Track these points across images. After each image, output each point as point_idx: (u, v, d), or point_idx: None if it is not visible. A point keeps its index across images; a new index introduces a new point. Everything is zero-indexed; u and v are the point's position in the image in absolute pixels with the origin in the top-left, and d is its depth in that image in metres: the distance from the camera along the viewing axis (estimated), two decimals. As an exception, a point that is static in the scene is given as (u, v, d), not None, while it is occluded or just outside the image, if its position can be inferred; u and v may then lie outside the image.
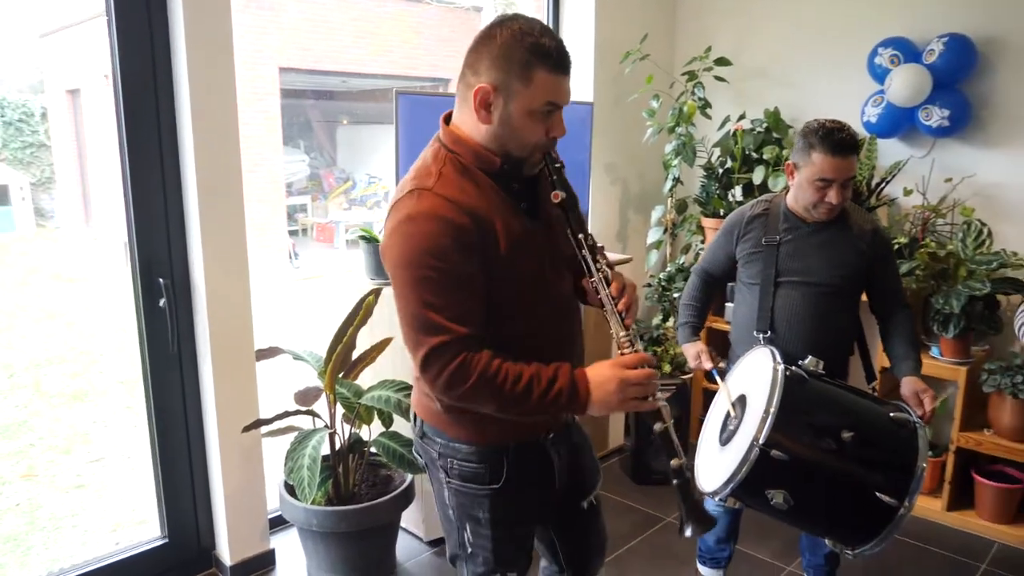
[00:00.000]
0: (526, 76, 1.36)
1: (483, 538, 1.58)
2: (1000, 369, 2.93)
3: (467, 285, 1.38)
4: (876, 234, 2.19)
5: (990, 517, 3.03)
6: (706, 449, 2.08)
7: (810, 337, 2.15)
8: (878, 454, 1.85)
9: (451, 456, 1.55)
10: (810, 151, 2.07)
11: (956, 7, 3.15)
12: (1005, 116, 3.12)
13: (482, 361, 1.37)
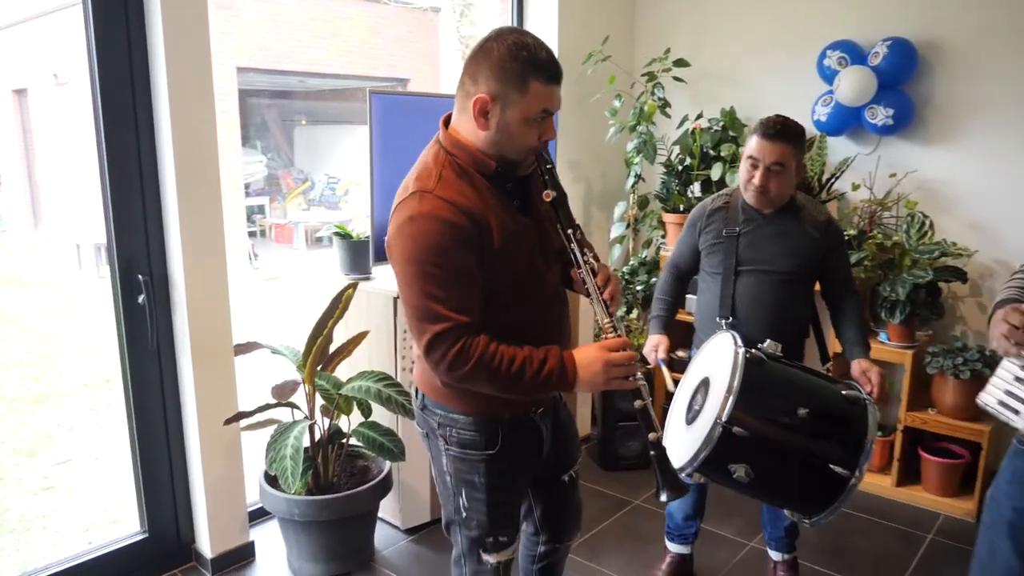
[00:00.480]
0: (522, 87, 1.48)
1: (478, 502, 1.71)
2: (942, 352, 3.13)
3: (465, 278, 1.50)
4: (829, 225, 2.35)
5: (936, 491, 3.23)
6: (673, 429, 2.20)
7: (769, 322, 2.29)
8: (831, 429, 1.99)
9: (450, 426, 1.68)
10: (750, 136, 2.27)
11: (898, 12, 3.34)
12: (944, 115, 3.32)
13: (480, 345, 1.50)
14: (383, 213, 2.87)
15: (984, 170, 3.25)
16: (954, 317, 3.36)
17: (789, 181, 2.25)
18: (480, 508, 1.71)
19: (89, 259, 9.10)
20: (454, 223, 1.48)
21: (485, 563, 1.76)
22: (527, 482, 1.83)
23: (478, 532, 1.73)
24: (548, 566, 2.06)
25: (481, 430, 1.66)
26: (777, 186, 2.23)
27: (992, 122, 3.21)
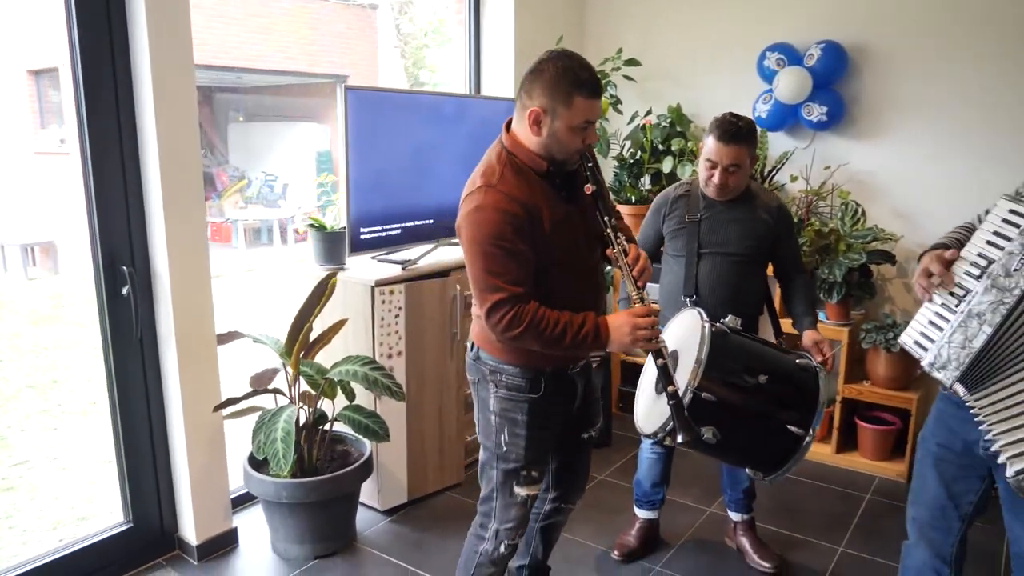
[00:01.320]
0: (568, 102, 1.77)
1: (518, 437, 1.98)
2: (875, 328, 3.43)
3: (519, 257, 1.79)
4: (780, 210, 2.58)
5: (871, 456, 3.53)
6: (643, 399, 2.38)
7: (728, 299, 2.50)
8: (788, 393, 2.19)
9: (501, 372, 1.97)
10: (707, 135, 2.47)
11: (829, 17, 3.63)
12: (871, 112, 3.63)
13: (530, 311, 1.79)
14: (359, 205, 2.98)
15: (906, 162, 3.57)
16: (884, 296, 3.68)
17: (745, 175, 2.47)
18: (519, 443, 1.98)
19: (15, 261, 8.78)
20: (512, 213, 1.77)
21: (516, 495, 2.02)
22: (558, 428, 2.06)
23: (515, 464, 2.00)
24: (550, 526, 2.29)
25: (527, 377, 1.95)
26: (735, 181, 2.45)
27: (912, 119, 3.53)
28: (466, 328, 3.29)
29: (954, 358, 1.72)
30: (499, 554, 2.07)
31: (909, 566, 2.08)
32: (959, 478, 1.93)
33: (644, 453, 2.82)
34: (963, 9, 3.34)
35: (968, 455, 1.88)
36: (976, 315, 1.70)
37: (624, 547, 2.81)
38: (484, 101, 3.75)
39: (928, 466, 1.98)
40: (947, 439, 1.92)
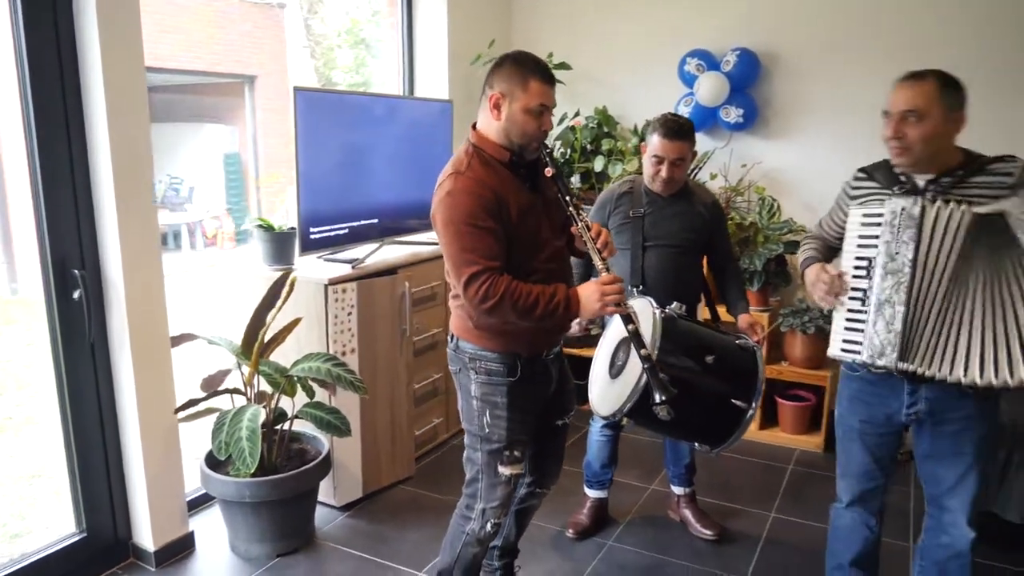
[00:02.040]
0: (524, 85, 1.94)
1: (499, 419, 2.10)
2: (792, 313, 3.73)
3: (492, 234, 1.92)
4: (714, 205, 2.80)
5: (791, 430, 3.84)
6: (597, 385, 2.53)
7: (672, 288, 2.69)
8: (731, 371, 2.39)
9: (480, 359, 2.08)
10: (652, 134, 2.66)
11: (743, 26, 3.91)
12: (782, 114, 3.94)
13: (504, 282, 1.91)
14: (309, 205, 3.02)
15: (813, 159, 3.89)
16: (797, 284, 4.00)
17: (687, 169, 2.68)
18: (501, 424, 2.10)
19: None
20: (481, 195, 1.91)
21: (500, 475, 2.12)
22: (537, 411, 2.18)
23: (498, 445, 2.11)
24: (524, 510, 2.41)
25: (504, 363, 2.07)
26: (679, 175, 2.65)
27: (816, 120, 3.86)
28: (415, 324, 3.37)
29: (887, 343, 1.97)
30: (485, 532, 2.17)
31: (840, 526, 2.32)
32: (881, 444, 2.19)
33: (593, 436, 2.98)
34: (856, 24, 3.70)
35: (888, 424, 2.14)
36: (885, 301, 1.97)
37: (578, 525, 2.97)
38: (424, 103, 3.83)
39: (852, 440, 2.23)
40: (868, 415, 2.17)
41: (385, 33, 4.79)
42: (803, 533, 3.01)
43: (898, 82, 2.04)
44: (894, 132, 1.98)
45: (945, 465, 2.09)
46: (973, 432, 2.03)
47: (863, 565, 2.32)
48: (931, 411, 2.03)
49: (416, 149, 3.59)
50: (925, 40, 3.57)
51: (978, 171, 1.96)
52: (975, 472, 2.06)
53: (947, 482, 2.10)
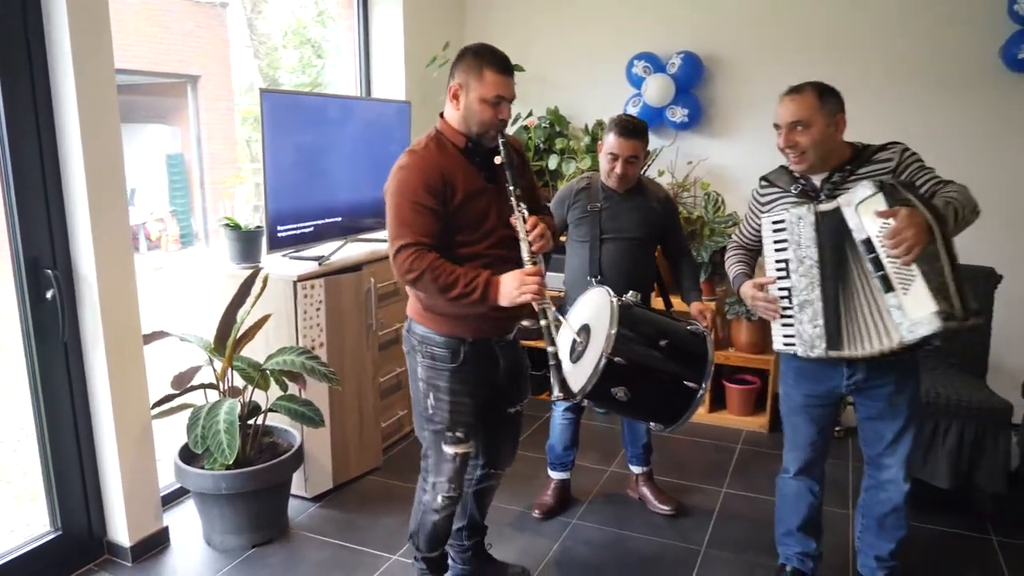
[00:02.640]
0: (480, 75, 2.05)
1: (441, 402, 2.21)
2: (737, 301, 3.94)
3: (429, 213, 2.04)
4: (667, 200, 2.99)
5: (737, 412, 4.06)
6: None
7: (627, 278, 2.86)
8: (683, 354, 2.54)
9: (427, 343, 2.20)
10: (608, 133, 2.82)
11: (687, 30, 4.12)
12: (724, 114, 4.17)
13: (430, 258, 2.02)
14: (276, 204, 3.09)
15: (754, 156, 4.10)
16: (741, 274, 4.23)
17: (640, 166, 2.85)
18: (443, 407, 2.21)
19: None
20: (428, 176, 2.04)
21: (445, 454, 2.24)
22: (482, 396, 2.28)
23: (441, 426, 2.22)
24: (482, 491, 2.52)
25: (449, 348, 2.18)
26: (633, 171, 2.82)
27: (757, 118, 4.09)
28: (379, 319, 3.47)
29: (815, 337, 2.19)
30: (439, 503, 2.29)
31: (787, 494, 2.54)
32: (824, 416, 2.42)
33: (556, 420, 3.13)
34: (789, 30, 3.94)
35: (830, 396, 2.37)
36: (805, 301, 2.19)
37: (543, 506, 3.12)
38: (383, 104, 3.92)
39: (797, 414, 2.44)
40: (812, 389, 2.39)
41: (334, 34, 4.86)
42: (753, 505, 3.22)
43: (782, 97, 2.25)
44: (786, 142, 2.20)
45: (885, 423, 2.32)
46: (907, 391, 2.28)
47: (808, 530, 2.53)
48: (867, 378, 2.26)
49: (375, 149, 3.68)
50: (852, 43, 3.83)
51: (865, 162, 2.20)
52: (911, 428, 2.31)
53: (887, 439, 2.34)
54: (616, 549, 2.89)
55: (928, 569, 2.73)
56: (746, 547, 2.87)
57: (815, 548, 2.56)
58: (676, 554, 2.86)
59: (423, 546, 2.41)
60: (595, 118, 4.30)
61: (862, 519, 2.51)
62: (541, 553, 2.86)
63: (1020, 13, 3.44)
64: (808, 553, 2.55)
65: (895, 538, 2.45)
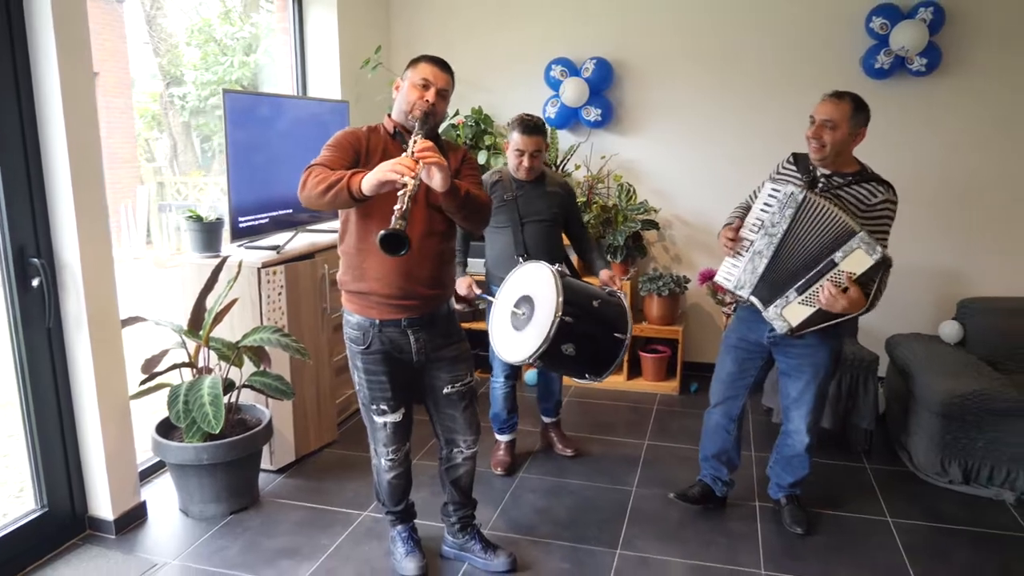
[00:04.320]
0: (414, 66, 2.40)
1: (361, 380, 2.51)
2: (648, 279, 4.45)
3: (338, 153, 2.31)
4: (566, 185, 3.46)
5: (652, 378, 4.57)
6: (500, 338, 2.89)
7: (548, 255, 3.22)
8: (610, 312, 2.85)
9: (347, 325, 2.50)
10: (512, 132, 3.23)
11: (598, 38, 4.59)
12: (632, 113, 4.66)
13: (318, 168, 2.22)
14: (238, 196, 3.31)
15: (659, 151, 4.65)
16: (651, 255, 4.75)
17: (543, 158, 3.29)
18: (362, 384, 2.51)
19: None
20: (349, 136, 2.37)
21: (376, 423, 2.54)
22: (400, 374, 2.50)
23: (365, 400, 2.54)
24: (450, 469, 2.70)
25: (359, 330, 2.45)
26: (537, 164, 3.25)
27: (660, 118, 4.62)
28: (332, 303, 3.74)
29: (748, 281, 2.67)
30: (385, 466, 2.59)
31: (709, 425, 3.04)
32: (747, 359, 2.91)
33: (497, 391, 3.50)
34: (688, 39, 4.47)
35: (757, 344, 2.86)
36: (758, 253, 2.66)
37: (504, 464, 3.51)
38: (326, 103, 4.15)
39: (727, 353, 2.93)
40: (744, 334, 2.88)
41: (244, 33, 5.04)
42: (672, 452, 3.72)
43: (825, 97, 2.67)
44: (815, 134, 2.64)
45: (792, 380, 2.84)
46: (812, 358, 2.78)
47: (722, 459, 3.04)
48: (783, 337, 2.75)
49: (318, 145, 3.92)
50: (739, 54, 4.41)
51: (864, 180, 2.66)
52: (812, 388, 2.82)
53: (792, 395, 2.86)
54: (559, 495, 3.30)
55: (818, 493, 3.29)
56: (670, 485, 3.33)
57: (727, 475, 3.08)
58: (611, 496, 3.30)
59: (387, 502, 2.71)
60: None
61: (775, 455, 3.06)
62: (495, 501, 3.23)
63: (875, 30, 4.10)
64: (720, 478, 3.07)
65: (797, 475, 3.01)
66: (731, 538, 2.95)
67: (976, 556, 2.85)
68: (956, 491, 3.36)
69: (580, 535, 2.96)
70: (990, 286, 4.26)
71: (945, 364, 3.64)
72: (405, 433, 2.60)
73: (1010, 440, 3.31)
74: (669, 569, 2.74)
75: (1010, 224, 4.23)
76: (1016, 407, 3.28)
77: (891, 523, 3.08)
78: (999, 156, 4.17)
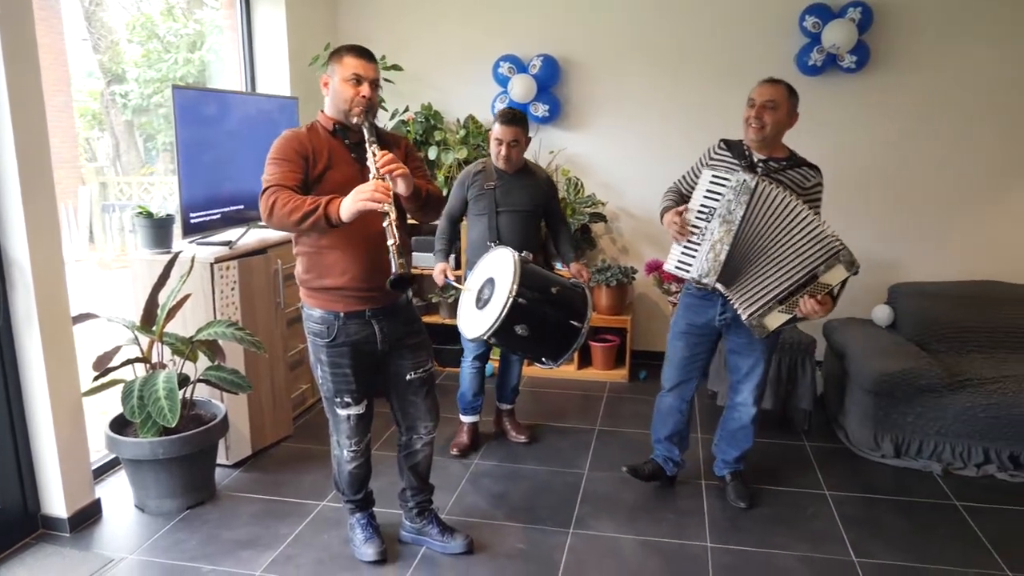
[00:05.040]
0: (340, 60, 2.40)
1: (324, 373, 2.54)
2: (597, 271, 4.58)
3: (288, 166, 2.35)
4: (549, 180, 3.55)
5: (602, 367, 4.70)
6: (465, 318, 2.95)
7: (519, 243, 3.33)
8: (569, 300, 2.91)
9: (309, 320, 2.53)
10: (494, 124, 3.34)
11: (544, 36, 4.69)
12: (579, 110, 4.78)
13: (285, 192, 2.28)
14: (189, 193, 3.32)
15: (604, 145, 4.78)
16: (600, 247, 4.88)
17: (523, 149, 3.39)
18: (327, 377, 2.54)
19: None
20: (293, 141, 2.39)
21: (339, 416, 2.59)
22: (365, 367, 2.56)
23: (328, 394, 2.57)
24: (409, 455, 2.78)
25: (324, 323, 2.48)
26: (516, 154, 3.34)
27: (605, 114, 4.75)
28: (286, 298, 3.76)
29: (711, 268, 2.75)
30: (346, 457, 2.65)
31: (661, 408, 3.17)
32: (698, 343, 3.03)
33: (466, 371, 3.60)
34: (630, 37, 4.61)
35: (707, 327, 2.99)
36: (718, 240, 2.75)
37: (461, 445, 3.61)
38: (275, 99, 4.16)
39: (678, 338, 3.05)
40: (693, 319, 3.00)
41: (187, 29, 5.01)
42: (622, 436, 3.85)
43: (762, 82, 2.83)
44: (757, 114, 2.77)
45: (742, 357, 2.98)
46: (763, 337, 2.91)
47: (675, 439, 3.18)
48: (736, 318, 2.88)
49: (268, 141, 3.93)
50: (679, 52, 4.56)
51: (796, 165, 2.82)
52: (761, 364, 2.97)
53: (743, 370, 3.00)
54: (514, 479, 3.40)
55: (760, 470, 3.45)
56: (621, 467, 3.45)
57: (678, 455, 3.21)
58: (564, 479, 3.41)
59: (346, 491, 2.77)
60: (467, 113, 4.78)
61: (720, 431, 3.20)
62: (452, 487, 3.31)
63: (809, 28, 4.29)
64: (671, 458, 3.20)
65: (742, 448, 3.15)
66: (679, 514, 3.09)
67: (906, 523, 3.03)
68: (888, 464, 3.56)
69: (535, 517, 3.06)
70: (919, 272, 4.49)
71: (877, 346, 3.84)
72: (367, 425, 2.66)
73: (936, 415, 3.52)
74: (620, 545, 2.86)
75: (936, 213, 4.47)
76: (940, 384, 3.49)
77: (828, 495, 3.25)
78: (925, 148, 4.41)
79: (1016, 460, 3.48)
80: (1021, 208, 4.38)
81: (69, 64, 9.56)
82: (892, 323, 4.25)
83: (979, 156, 4.36)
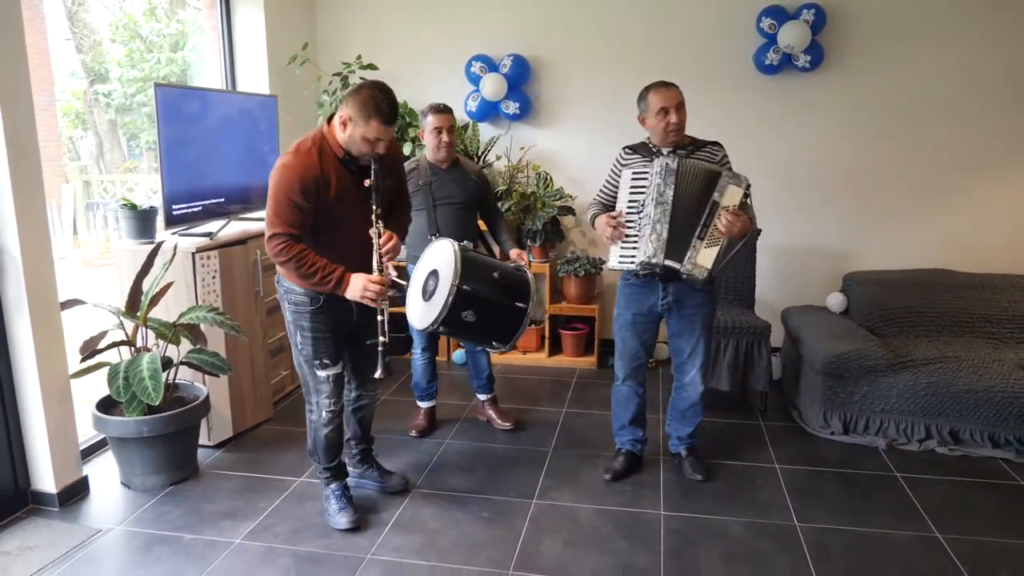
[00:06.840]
0: (367, 121, 2.51)
1: (307, 338, 2.78)
2: (566, 261, 4.77)
3: (299, 209, 2.52)
4: (480, 173, 3.74)
5: (571, 354, 4.90)
6: (414, 311, 3.05)
7: (457, 234, 3.45)
8: (513, 283, 3.00)
9: (292, 293, 2.75)
10: (426, 117, 3.53)
11: (515, 36, 4.88)
12: (548, 108, 4.97)
13: (298, 248, 2.53)
14: (172, 185, 3.48)
15: (573, 141, 4.97)
16: (569, 239, 5.07)
17: (454, 136, 3.58)
18: (308, 342, 2.78)
19: None
20: (303, 178, 2.50)
21: (319, 376, 2.83)
22: (340, 332, 2.83)
23: (308, 357, 2.81)
24: (358, 409, 3.12)
25: (308, 295, 2.71)
26: (453, 139, 3.55)
27: (574, 111, 4.94)
28: (265, 287, 3.93)
29: (657, 249, 2.92)
30: (324, 418, 2.87)
31: (619, 397, 3.36)
32: (645, 331, 3.22)
33: (416, 363, 3.78)
34: (597, 38, 4.81)
35: (651, 313, 3.17)
36: (656, 222, 2.92)
37: (419, 427, 3.80)
38: (255, 97, 4.32)
39: (626, 329, 3.23)
40: (638, 308, 3.18)
41: (167, 29, 5.16)
42: (588, 419, 4.04)
43: (663, 88, 2.99)
44: (678, 119, 2.96)
45: (686, 338, 3.17)
46: (702, 314, 3.13)
47: (637, 422, 3.38)
48: (676, 300, 3.08)
49: (248, 138, 4.12)
50: (644, 51, 4.76)
51: (699, 148, 3.05)
52: (703, 342, 3.17)
53: (686, 352, 3.19)
54: (482, 457, 3.58)
55: (717, 447, 3.66)
56: (585, 446, 3.65)
57: (642, 435, 3.41)
58: (530, 455, 3.60)
59: (322, 459, 2.96)
60: (441, 111, 4.96)
61: (671, 412, 3.40)
62: (424, 463, 3.49)
63: (765, 29, 4.50)
64: (637, 439, 3.40)
65: (693, 424, 3.35)
66: (636, 487, 3.28)
67: (847, 493, 3.24)
68: (837, 441, 3.77)
69: (499, 490, 3.25)
70: (871, 261, 4.72)
71: (829, 330, 4.06)
72: (341, 386, 2.92)
73: (882, 394, 3.74)
74: (578, 513, 3.05)
75: (887, 205, 4.70)
76: (885, 364, 3.71)
77: (778, 469, 3.46)
78: (876, 144, 4.64)
79: (956, 435, 3.71)
80: (969, 199, 4.61)
81: (52, 64, 9.68)
82: (845, 310, 4.47)
83: (928, 152, 4.59)
